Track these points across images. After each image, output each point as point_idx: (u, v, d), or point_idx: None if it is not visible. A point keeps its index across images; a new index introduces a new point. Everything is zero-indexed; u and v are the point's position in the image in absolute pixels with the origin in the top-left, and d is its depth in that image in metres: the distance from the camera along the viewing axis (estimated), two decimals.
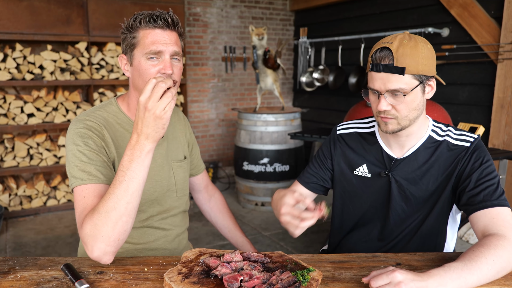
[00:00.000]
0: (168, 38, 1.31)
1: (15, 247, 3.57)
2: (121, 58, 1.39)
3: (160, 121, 1.13)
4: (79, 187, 1.24)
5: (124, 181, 1.13)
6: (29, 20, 4.01)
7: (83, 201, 1.22)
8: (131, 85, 1.41)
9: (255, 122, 4.44)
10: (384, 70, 1.27)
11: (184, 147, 1.63)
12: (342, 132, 1.57)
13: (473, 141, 1.36)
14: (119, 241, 1.15)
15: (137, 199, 1.16)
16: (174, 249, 1.56)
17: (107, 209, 1.12)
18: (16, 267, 1.20)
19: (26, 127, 4.15)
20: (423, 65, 1.26)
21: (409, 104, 1.29)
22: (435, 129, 1.42)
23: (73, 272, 1.12)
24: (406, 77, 1.26)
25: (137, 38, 1.31)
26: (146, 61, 1.30)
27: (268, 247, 3.62)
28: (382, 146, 1.47)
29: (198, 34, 5.37)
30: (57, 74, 4.22)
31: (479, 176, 1.30)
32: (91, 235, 1.13)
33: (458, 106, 3.94)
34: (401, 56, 1.24)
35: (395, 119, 1.31)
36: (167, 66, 1.29)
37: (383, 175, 1.44)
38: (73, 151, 1.28)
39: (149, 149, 1.15)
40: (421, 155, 1.40)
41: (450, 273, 1.04)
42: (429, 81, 1.32)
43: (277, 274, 1.09)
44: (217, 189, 1.89)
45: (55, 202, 4.42)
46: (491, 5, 3.55)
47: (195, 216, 4.30)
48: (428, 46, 1.30)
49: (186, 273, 1.10)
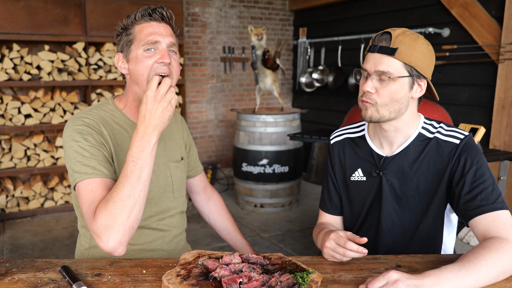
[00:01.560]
0: (164, 30, 1.35)
1: (12, 249, 3.56)
2: (117, 56, 1.39)
3: (167, 113, 1.22)
4: (85, 181, 1.24)
5: (136, 170, 1.18)
6: (26, 20, 3.99)
7: (91, 194, 1.21)
8: (129, 81, 1.40)
9: (254, 123, 4.42)
10: (379, 51, 1.29)
11: (181, 148, 1.62)
12: (335, 141, 1.59)
13: (462, 139, 1.33)
14: (133, 230, 1.18)
15: (147, 188, 1.21)
16: (172, 250, 1.55)
17: (122, 197, 1.15)
18: (13, 269, 1.20)
19: (23, 128, 4.13)
20: (417, 58, 1.27)
21: (393, 93, 1.29)
22: (426, 126, 1.41)
23: (71, 274, 1.12)
24: (397, 63, 1.27)
25: (133, 34, 1.34)
26: (143, 53, 1.32)
27: (267, 249, 3.61)
28: (371, 147, 1.47)
29: (196, 34, 5.36)
30: (55, 75, 4.20)
31: (473, 178, 1.28)
32: (106, 225, 1.14)
33: (459, 106, 3.92)
34: (398, 41, 1.27)
35: (373, 105, 1.32)
36: (165, 55, 1.32)
37: (374, 175, 1.45)
38: (74, 147, 1.27)
39: (156, 140, 1.22)
40: (411, 153, 1.39)
41: (447, 273, 1.04)
42: (420, 80, 1.32)
43: (276, 276, 1.10)
44: (216, 190, 1.87)
45: (53, 203, 4.40)
46: (492, 5, 3.53)
47: (193, 217, 4.29)
48: (429, 47, 1.31)
49: (185, 275, 1.10)
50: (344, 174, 1.54)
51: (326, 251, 1.27)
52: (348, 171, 1.52)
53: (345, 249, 1.21)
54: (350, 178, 1.51)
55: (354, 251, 1.20)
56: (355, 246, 1.20)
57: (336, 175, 1.56)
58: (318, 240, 1.42)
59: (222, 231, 1.79)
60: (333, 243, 1.25)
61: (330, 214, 1.60)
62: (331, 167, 1.59)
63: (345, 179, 1.54)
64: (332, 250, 1.25)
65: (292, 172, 4.52)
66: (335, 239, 1.25)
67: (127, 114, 1.45)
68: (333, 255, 1.26)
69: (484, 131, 2.72)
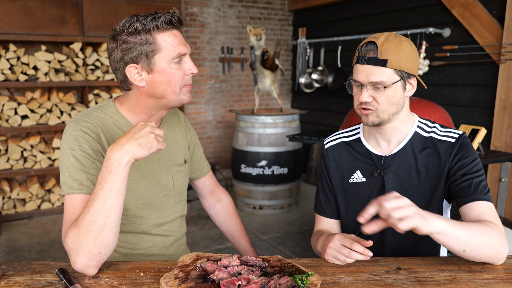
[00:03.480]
0: (182, 37, 1.33)
1: (9, 251, 3.54)
2: (131, 68, 1.29)
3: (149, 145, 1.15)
4: (69, 196, 1.23)
5: (101, 194, 1.12)
6: (23, 20, 3.97)
7: (70, 211, 1.21)
8: (145, 93, 1.33)
9: (253, 124, 4.40)
10: (368, 63, 1.32)
11: (185, 150, 1.59)
12: (330, 145, 1.60)
13: (458, 137, 1.39)
14: (101, 255, 1.14)
15: (116, 213, 1.14)
16: (172, 254, 1.54)
17: (86, 223, 1.12)
18: (9, 272, 1.19)
19: (19, 129, 4.12)
20: (405, 62, 1.31)
21: (390, 98, 1.34)
22: (421, 125, 1.46)
23: (68, 277, 1.12)
24: (388, 71, 1.31)
25: (156, 44, 1.26)
26: (173, 66, 1.30)
27: (266, 251, 3.60)
28: (368, 149, 1.49)
29: (195, 35, 5.34)
30: (52, 75, 4.18)
31: (469, 170, 1.35)
32: (73, 248, 1.13)
33: (460, 107, 3.90)
34: (385, 50, 1.30)
35: (375, 111, 1.36)
36: (193, 66, 1.34)
37: (375, 175, 1.46)
38: (67, 155, 1.26)
39: (126, 162, 1.13)
40: (409, 151, 1.43)
41: (444, 218, 1.13)
42: (410, 79, 1.37)
43: (275, 278, 1.09)
44: (226, 192, 1.82)
45: (49, 205, 4.38)
46: (493, 5, 3.52)
47: (191, 219, 4.27)
48: (412, 46, 1.35)
49: (183, 277, 1.10)
50: (341, 177, 1.55)
51: (329, 252, 1.26)
52: (346, 174, 1.53)
53: (351, 250, 1.22)
54: (349, 180, 1.52)
55: (360, 253, 1.22)
56: (361, 248, 1.22)
57: (332, 179, 1.57)
58: (318, 244, 1.41)
59: (227, 235, 1.79)
60: (338, 243, 1.25)
61: (328, 217, 1.60)
62: (326, 172, 1.59)
63: (342, 182, 1.54)
64: (336, 250, 1.25)
65: (291, 173, 4.50)
66: (340, 239, 1.26)
67: (128, 117, 1.40)
68: (336, 256, 1.25)
69: (485, 132, 2.71)
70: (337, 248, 1.25)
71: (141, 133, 1.15)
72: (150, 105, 1.36)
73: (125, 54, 1.27)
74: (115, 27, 1.29)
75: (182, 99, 1.35)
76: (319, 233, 1.51)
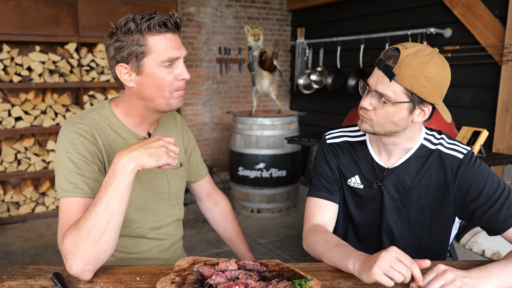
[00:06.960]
0: (179, 41, 1.30)
1: (2, 255, 3.51)
2: (120, 68, 1.29)
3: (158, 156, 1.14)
4: (65, 199, 1.23)
5: (105, 199, 1.12)
6: (17, 20, 3.93)
7: (67, 214, 1.20)
8: (135, 94, 1.33)
9: (251, 126, 4.36)
10: (383, 69, 1.23)
11: (181, 153, 1.58)
12: (332, 142, 1.51)
13: (466, 153, 1.32)
14: (98, 260, 1.13)
15: (118, 219, 1.14)
16: (169, 258, 1.54)
17: (87, 227, 1.11)
18: (3, 276, 1.19)
19: (13, 131, 4.07)
20: (421, 85, 1.19)
21: (389, 115, 1.25)
22: (428, 137, 1.38)
23: (62, 281, 1.12)
24: (397, 87, 1.20)
25: (147, 46, 1.25)
26: (162, 70, 1.27)
27: (264, 255, 3.56)
28: (372, 156, 1.42)
29: (191, 35, 5.30)
30: (46, 76, 4.13)
31: (490, 191, 1.26)
32: (71, 251, 1.12)
33: (461, 109, 3.88)
34: (405, 64, 1.18)
35: (370, 121, 1.29)
36: (185, 72, 1.30)
37: (374, 187, 1.41)
38: (63, 158, 1.25)
39: (132, 168, 1.13)
40: (413, 165, 1.36)
41: (493, 268, 1.09)
42: (424, 105, 1.24)
43: (273, 283, 1.09)
44: (223, 196, 1.82)
45: (44, 208, 4.33)
46: (495, 5, 3.50)
47: (188, 223, 4.24)
48: (443, 71, 1.21)
49: (180, 282, 1.09)
50: (340, 176, 1.48)
51: (381, 264, 1.01)
52: (345, 174, 1.47)
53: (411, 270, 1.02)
54: (347, 182, 1.47)
55: (416, 277, 1.03)
56: (419, 273, 1.03)
57: (333, 169, 1.48)
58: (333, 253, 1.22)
59: (225, 239, 1.78)
60: (395, 257, 1.03)
61: (325, 199, 1.45)
62: (326, 161, 1.48)
63: (341, 181, 1.49)
64: (392, 264, 1.02)
65: (290, 176, 4.46)
66: (399, 254, 1.04)
67: (123, 120, 1.40)
68: (389, 272, 1.01)
69: (487, 134, 2.70)
70: (393, 262, 1.02)
71: (153, 144, 1.15)
72: (141, 108, 1.35)
73: (117, 53, 1.28)
74: (113, 25, 1.29)
75: (171, 103, 1.32)
76: (316, 228, 1.38)
